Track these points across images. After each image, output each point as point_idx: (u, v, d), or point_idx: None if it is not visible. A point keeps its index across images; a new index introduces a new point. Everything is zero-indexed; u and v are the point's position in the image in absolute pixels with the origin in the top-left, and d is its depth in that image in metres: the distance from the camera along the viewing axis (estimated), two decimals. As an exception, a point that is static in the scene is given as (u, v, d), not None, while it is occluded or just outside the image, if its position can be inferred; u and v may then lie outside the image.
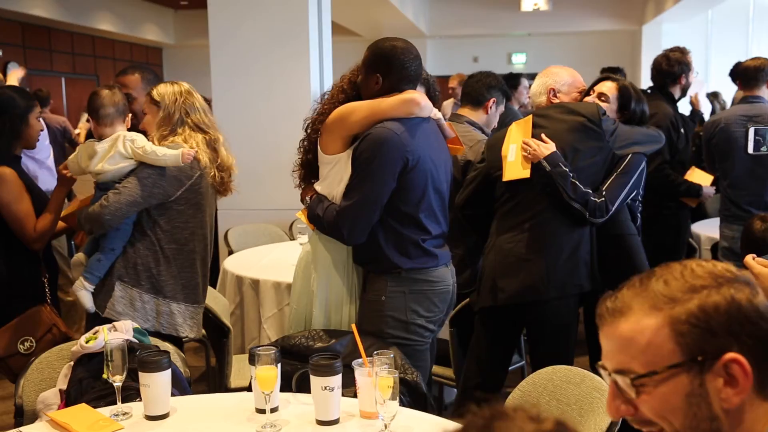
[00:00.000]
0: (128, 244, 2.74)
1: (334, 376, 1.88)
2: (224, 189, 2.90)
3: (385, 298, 2.48)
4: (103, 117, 2.75)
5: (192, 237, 2.79)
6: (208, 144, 2.78)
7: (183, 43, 14.10)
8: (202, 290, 2.88)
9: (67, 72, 12.01)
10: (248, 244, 4.42)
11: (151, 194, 2.67)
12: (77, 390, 2.10)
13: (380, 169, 2.38)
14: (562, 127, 2.84)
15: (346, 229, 2.42)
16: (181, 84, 2.84)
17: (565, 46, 13.54)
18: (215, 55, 5.00)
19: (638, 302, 1.01)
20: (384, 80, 2.47)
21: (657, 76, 4.28)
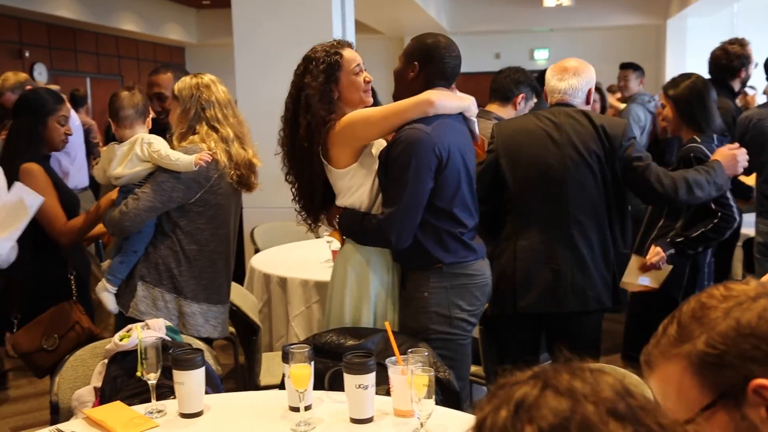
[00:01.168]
0: (150, 245, 2.74)
1: (368, 374, 1.87)
2: (247, 186, 2.85)
3: (427, 294, 2.48)
4: (122, 119, 2.75)
5: (213, 238, 2.77)
6: (223, 141, 2.73)
7: (205, 43, 14.17)
8: (226, 290, 2.87)
9: (92, 72, 12.11)
10: (274, 242, 4.43)
11: (170, 199, 2.66)
12: (111, 387, 2.11)
13: (418, 172, 2.37)
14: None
15: (394, 235, 2.40)
16: (202, 76, 2.78)
17: (588, 42, 13.43)
18: (239, 54, 5.02)
19: (658, 352, 0.98)
20: (421, 71, 2.48)
21: (715, 70, 4.14)
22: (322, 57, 2.45)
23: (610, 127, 2.81)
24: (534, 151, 2.83)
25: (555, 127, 2.84)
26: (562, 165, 2.79)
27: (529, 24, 13.23)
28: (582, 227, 2.80)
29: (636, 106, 5.63)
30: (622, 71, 6.14)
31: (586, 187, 2.79)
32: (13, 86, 4.61)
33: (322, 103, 2.43)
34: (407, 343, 2.31)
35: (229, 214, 2.82)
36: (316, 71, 2.44)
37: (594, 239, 2.81)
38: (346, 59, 2.47)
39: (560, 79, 2.91)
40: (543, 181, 2.82)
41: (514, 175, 2.86)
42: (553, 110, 2.90)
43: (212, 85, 2.76)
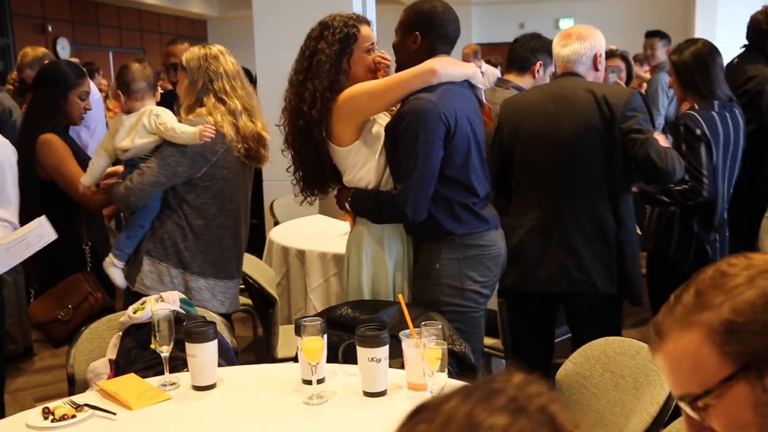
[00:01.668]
0: (156, 220, 2.71)
1: (382, 347, 1.85)
2: (257, 159, 2.78)
3: (439, 265, 2.45)
4: (134, 91, 2.72)
5: (220, 213, 2.72)
6: (231, 113, 2.67)
7: (227, 15, 14.12)
8: (235, 265, 2.83)
9: (114, 46, 12.15)
10: (293, 214, 4.41)
11: (175, 173, 2.62)
12: (126, 360, 2.11)
13: (428, 142, 2.33)
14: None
15: (410, 209, 2.35)
16: (210, 47, 2.72)
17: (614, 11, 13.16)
18: (258, 27, 4.97)
19: (672, 321, 0.92)
20: (423, 39, 2.42)
21: (754, 35, 3.97)
22: (339, 26, 2.42)
23: (612, 97, 2.66)
24: (530, 126, 2.76)
25: (552, 100, 2.74)
26: (556, 140, 2.69)
27: (554, -8, 13.00)
28: (573, 206, 2.70)
29: (664, 74, 5.50)
30: (648, 40, 5.99)
31: (581, 164, 2.68)
32: (32, 62, 4.62)
33: (332, 72, 2.39)
34: (422, 315, 2.29)
35: (237, 188, 2.77)
36: (331, 39, 2.41)
37: (587, 219, 2.69)
38: (362, 35, 2.44)
39: (563, 45, 2.81)
40: (537, 158, 2.74)
41: (514, 149, 2.80)
42: (556, 81, 2.83)
43: (221, 56, 2.70)
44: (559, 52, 2.83)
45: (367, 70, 2.47)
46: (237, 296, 2.88)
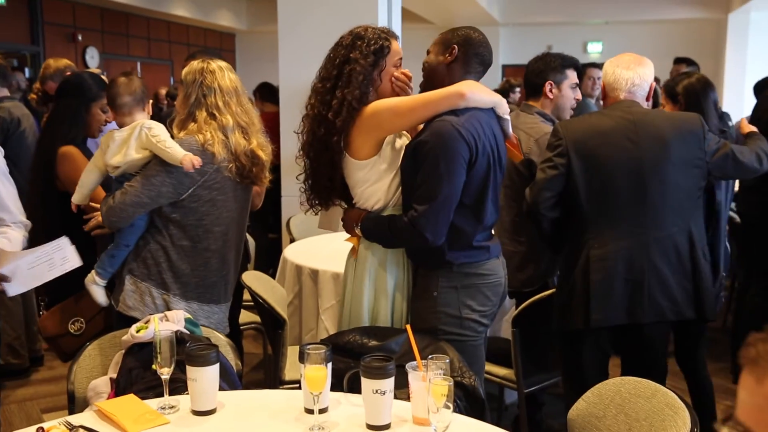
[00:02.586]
0: (141, 239, 2.64)
1: (387, 379, 1.78)
2: (250, 178, 2.69)
3: (437, 293, 2.40)
4: (119, 106, 2.67)
5: (206, 235, 2.63)
6: (221, 129, 2.59)
7: (255, 29, 14.22)
8: (223, 289, 2.74)
9: (142, 57, 12.27)
10: (310, 232, 4.37)
11: (159, 194, 2.54)
12: (126, 380, 2.07)
13: (452, 165, 2.27)
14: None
15: (430, 232, 2.29)
16: (210, 62, 2.66)
17: (644, 36, 13.06)
18: (283, 42, 4.97)
19: None
20: (460, 52, 2.39)
21: None
22: (374, 38, 2.40)
23: (687, 123, 2.70)
24: (610, 153, 2.66)
25: (632, 126, 2.67)
26: (642, 168, 2.63)
27: (583, 16, 12.92)
28: (662, 234, 2.65)
29: None
30: (676, 66, 5.93)
31: (667, 191, 2.65)
32: (54, 73, 4.65)
33: (364, 84, 2.36)
34: (432, 345, 2.23)
35: (227, 210, 2.67)
36: (366, 50, 2.38)
37: (670, 247, 2.66)
38: (393, 49, 2.43)
39: (627, 68, 2.76)
40: (621, 186, 2.65)
41: (589, 179, 2.68)
42: (625, 109, 2.72)
43: (218, 71, 2.64)
44: (621, 74, 2.76)
45: (395, 85, 2.44)
46: (223, 321, 2.77)
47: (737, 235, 4.60)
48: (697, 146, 2.69)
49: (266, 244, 5.28)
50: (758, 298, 4.08)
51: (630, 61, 2.79)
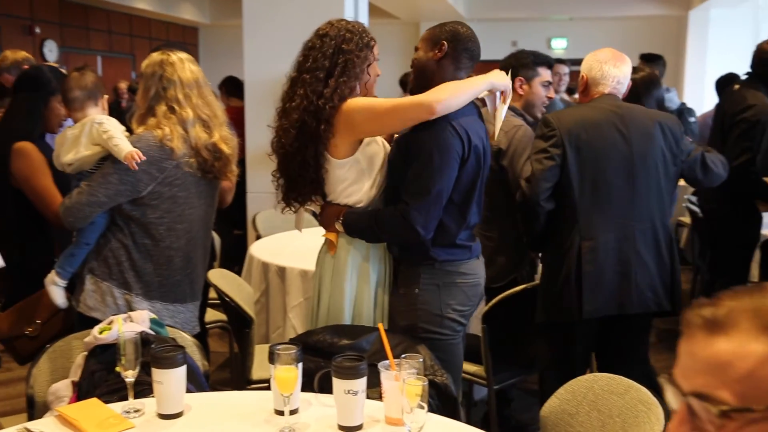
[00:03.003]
0: (101, 237, 2.56)
1: (358, 379, 1.75)
2: (214, 173, 2.61)
3: (418, 290, 2.38)
4: (70, 101, 2.60)
5: (169, 233, 2.56)
6: (181, 123, 2.51)
7: (219, 23, 14.03)
8: (188, 288, 2.68)
9: (103, 50, 12.02)
10: (277, 228, 4.32)
11: (117, 192, 2.46)
12: (89, 383, 2.01)
13: (446, 160, 2.26)
14: None
15: (422, 226, 2.27)
16: (170, 54, 2.58)
17: (608, 32, 13.16)
18: (249, 36, 4.90)
19: (748, 320, 0.82)
20: (450, 47, 2.37)
21: (759, 64, 3.95)
22: (362, 32, 2.38)
23: (668, 120, 2.79)
24: (603, 144, 2.70)
25: (620, 121, 2.73)
26: (632, 160, 2.70)
27: (547, 12, 12.98)
28: (646, 226, 2.72)
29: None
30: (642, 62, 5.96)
31: (651, 185, 2.72)
32: (10, 66, 4.51)
33: (357, 76, 2.34)
34: (403, 343, 2.20)
35: (190, 207, 2.60)
36: (360, 43, 2.35)
37: (656, 239, 2.74)
38: (376, 45, 2.43)
39: (614, 66, 2.82)
40: (613, 177, 2.69)
41: (582, 170, 2.70)
42: (610, 102, 2.78)
43: (178, 63, 2.56)
44: (610, 70, 2.81)
45: (374, 81, 2.44)
46: (191, 320, 2.71)
47: (700, 228, 4.65)
48: (675, 144, 2.77)
49: (231, 241, 5.21)
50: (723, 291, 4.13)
51: (617, 59, 2.83)
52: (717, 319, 0.84)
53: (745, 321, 0.82)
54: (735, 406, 0.80)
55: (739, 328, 0.82)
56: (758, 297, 0.84)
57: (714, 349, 0.83)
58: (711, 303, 0.86)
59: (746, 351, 0.81)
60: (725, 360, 0.82)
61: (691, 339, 0.86)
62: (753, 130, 3.79)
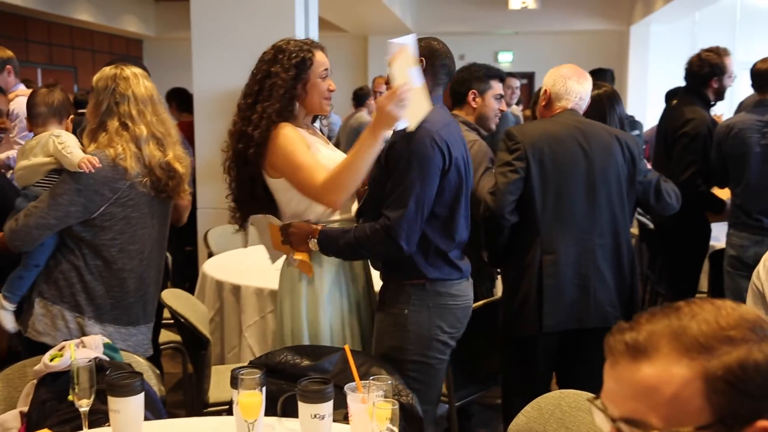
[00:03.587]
0: (51, 258, 2.47)
1: (325, 402, 1.71)
2: (168, 193, 2.55)
3: (408, 311, 2.33)
4: (34, 116, 2.55)
5: (121, 254, 2.50)
6: (134, 140, 2.45)
7: (164, 36, 13.82)
8: (141, 310, 2.61)
9: (43, 63, 11.70)
10: (229, 245, 4.23)
11: (67, 214, 2.39)
12: (39, 413, 1.91)
13: (424, 170, 2.22)
14: None
15: (404, 239, 2.22)
16: (123, 68, 2.52)
17: (553, 46, 13.44)
18: (197, 49, 4.81)
19: (668, 343, 0.86)
20: (427, 64, 2.35)
21: (689, 77, 4.06)
22: (295, 51, 2.36)
23: (627, 141, 2.82)
24: (566, 159, 2.71)
25: (582, 136, 2.74)
26: (593, 175, 2.71)
27: (493, 26, 13.18)
28: (606, 241, 2.73)
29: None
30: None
31: (612, 200, 2.74)
32: None
33: (284, 98, 2.32)
34: (368, 362, 2.16)
35: (143, 227, 2.54)
36: (287, 63, 2.34)
37: (617, 254, 2.76)
38: (317, 60, 2.38)
39: (578, 82, 2.84)
40: (574, 192, 2.70)
41: (545, 184, 2.70)
42: (571, 117, 2.81)
43: (132, 78, 2.50)
44: (573, 87, 2.83)
45: (321, 96, 2.41)
46: (144, 342, 2.64)
47: (650, 240, 4.74)
48: (632, 162, 2.80)
49: (183, 258, 5.10)
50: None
51: (579, 76, 2.86)
52: (638, 345, 0.87)
53: (665, 345, 0.86)
54: (663, 429, 0.84)
55: (661, 352, 0.86)
56: (674, 318, 0.88)
57: (639, 375, 0.86)
58: (630, 327, 0.90)
59: (670, 375, 0.85)
60: (651, 385, 0.85)
61: (615, 365, 0.90)
62: (694, 143, 3.89)
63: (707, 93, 4.00)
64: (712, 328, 0.86)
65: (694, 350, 0.85)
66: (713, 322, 0.86)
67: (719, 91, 4.01)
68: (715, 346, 0.85)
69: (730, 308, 0.88)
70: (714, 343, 0.85)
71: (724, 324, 0.86)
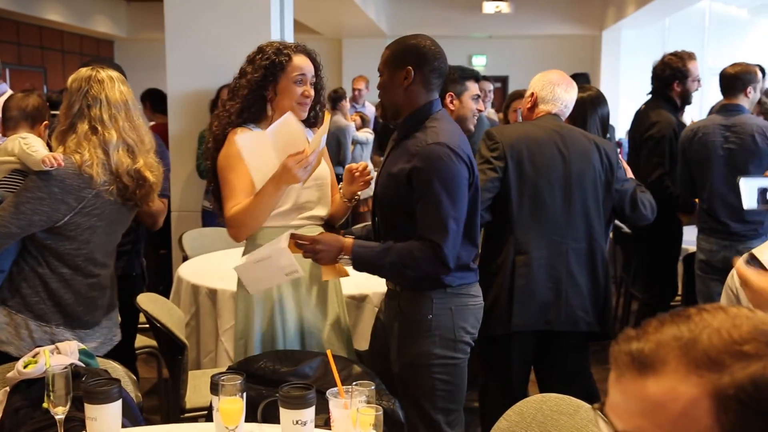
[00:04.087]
0: (14, 265, 2.39)
1: (307, 408, 1.69)
2: (135, 201, 2.49)
3: (431, 316, 2.29)
4: (6, 120, 2.51)
5: (87, 263, 2.43)
6: (103, 145, 2.38)
7: (136, 37, 13.68)
8: (103, 311, 2.55)
9: (11, 63, 11.51)
10: (205, 248, 4.18)
11: (30, 223, 2.30)
12: (13, 421, 1.87)
13: (457, 190, 2.20)
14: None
15: (451, 260, 2.19)
16: (99, 71, 2.45)
17: (526, 50, 13.55)
18: (171, 50, 4.76)
19: (675, 358, 0.81)
20: (416, 73, 2.25)
21: (654, 80, 4.12)
22: (269, 53, 2.35)
23: (606, 148, 2.85)
24: (544, 161, 2.73)
25: (561, 140, 2.77)
26: (570, 179, 2.73)
27: (467, 30, 13.24)
28: (580, 246, 2.75)
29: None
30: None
31: (588, 205, 2.76)
32: None
33: (248, 99, 2.34)
34: (347, 368, 2.15)
35: (107, 234, 2.48)
36: (258, 64, 2.35)
37: (592, 260, 2.77)
38: (293, 64, 2.37)
39: (565, 90, 2.88)
40: (550, 195, 2.72)
41: (521, 185, 2.72)
42: (552, 121, 2.83)
43: (107, 81, 2.43)
44: (560, 94, 2.86)
45: (293, 100, 2.38)
46: (112, 328, 2.58)
47: (625, 243, 4.78)
48: (610, 169, 2.82)
49: (158, 261, 5.04)
50: (646, 308, 4.26)
51: (568, 84, 2.90)
52: (644, 358, 0.83)
53: (672, 359, 0.81)
54: None
55: (668, 367, 0.81)
56: (684, 329, 0.83)
57: (645, 392, 0.82)
58: (637, 336, 0.85)
59: (677, 392, 0.80)
60: (657, 402, 0.81)
61: (620, 378, 0.85)
62: (660, 145, 3.96)
63: (672, 96, 4.07)
64: (723, 340, 0.81)
65: (703, 366, 0.80)
66: (725, 333, 0.81)
67: (684, 95, 4.07)
68: (726, 361, 0.80)
69: (745, 317, 0.83)
70: (725, 358, 0.80)
71: (737, 337, 0.81)
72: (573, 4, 12.82)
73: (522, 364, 2.88)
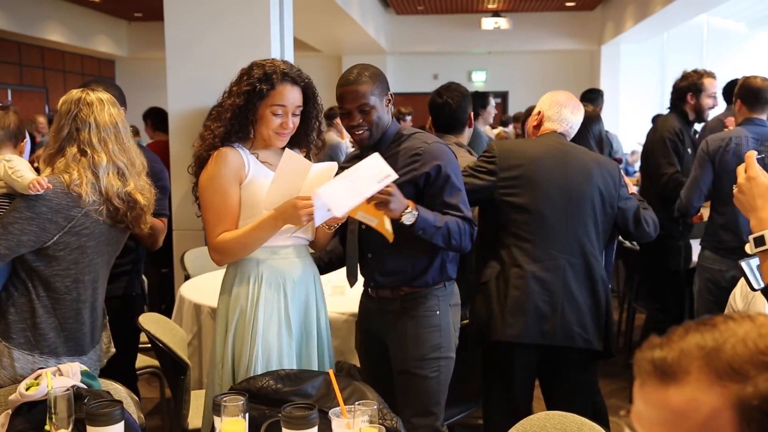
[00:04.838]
0: (3, 290, 2.34)
1: (310, 428, 1.69)
2: (126, 224, 2.45)
3: (439, 312, 2.49)
4: None
5: (76, 285, 2.38)
6: (93, 167, 2.34)
7: (137, 56, 13.76)
8: (89, 338, 2.48)
9: (14, 84, 11.58)
10: (206, 267, 4.17)
11: (18, 243, 2.25)
12: (15, 444, 1.86)
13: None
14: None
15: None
16: (89, 93, 2.42)
17: (525, 65, 13.61)
18: (172, 68, 4.78)
19: (698, 368, 0.79)
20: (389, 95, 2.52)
21: (672, 92, 4.25)
22: (254, 78, 2.29)
23: (607, 164, 2.87)
24: (542, 177, 2.74)
25: (563, 155, 2.79)
26: (569, 196, 2.73)
27: (467, 46, 13.31)
28: (577, 262, 2.74)
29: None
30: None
31: (587, 223, 2.76)
32: None
33: (231, 123, 2.30)
34: (350, 387, 2.14)
35: (98, 256, 2.43)
36: (241, 89, 2.31)
37: (590, 277, 2.76)
38: (273, 94, 2.30)
39: (572, 112, 2.91)
40: (547, 210, 2.72)
41: (518, 199, 2.73)
42: (555, 139, 2.85)
43: (97, 104, 2.39)
44: (567, 115, 2.89)
45: (269, 129, 2.33)
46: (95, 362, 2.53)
47: (627, 258, 4.78)
48: (613, 188, 2.82)
49: (159, 280, 5.03)
50: (649, 323, 4.25)
51: (575, 107, 2.92)
52: (666, 366, 0.81)
53: (695, 369, 0.80)
54: None
55: (691, 376, 0.80)
56: (708, 337, 0.81)
57: (667, 401, 0.81)
58: (660, 344, 0.83)
59: (699, 402, 0.79)
60: (679, 411, 0.80)
61: (643, 386, 0.84)
62: (664, 146, 4.07)
63: (686, 109, 4.12)
64: (748, 350, 0.79)
65: (726, 376, 0.78)
66: (750, 343, 0.79)
67: (698, 110, 4.12)
68: (751, 372, 0.78)
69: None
70: (749, 368, 0.78)
71: (763, 347, 0.79)
72: (572, 19, 12.89)
73: (524, 377, 2.86)
